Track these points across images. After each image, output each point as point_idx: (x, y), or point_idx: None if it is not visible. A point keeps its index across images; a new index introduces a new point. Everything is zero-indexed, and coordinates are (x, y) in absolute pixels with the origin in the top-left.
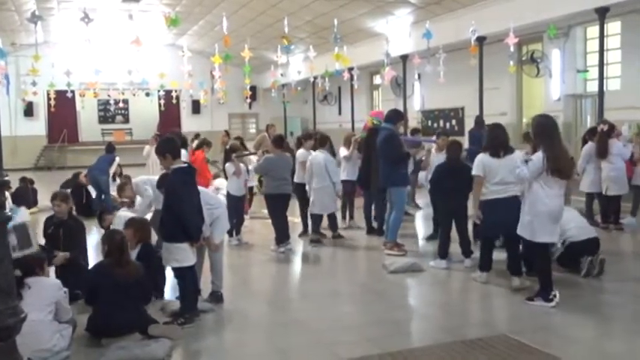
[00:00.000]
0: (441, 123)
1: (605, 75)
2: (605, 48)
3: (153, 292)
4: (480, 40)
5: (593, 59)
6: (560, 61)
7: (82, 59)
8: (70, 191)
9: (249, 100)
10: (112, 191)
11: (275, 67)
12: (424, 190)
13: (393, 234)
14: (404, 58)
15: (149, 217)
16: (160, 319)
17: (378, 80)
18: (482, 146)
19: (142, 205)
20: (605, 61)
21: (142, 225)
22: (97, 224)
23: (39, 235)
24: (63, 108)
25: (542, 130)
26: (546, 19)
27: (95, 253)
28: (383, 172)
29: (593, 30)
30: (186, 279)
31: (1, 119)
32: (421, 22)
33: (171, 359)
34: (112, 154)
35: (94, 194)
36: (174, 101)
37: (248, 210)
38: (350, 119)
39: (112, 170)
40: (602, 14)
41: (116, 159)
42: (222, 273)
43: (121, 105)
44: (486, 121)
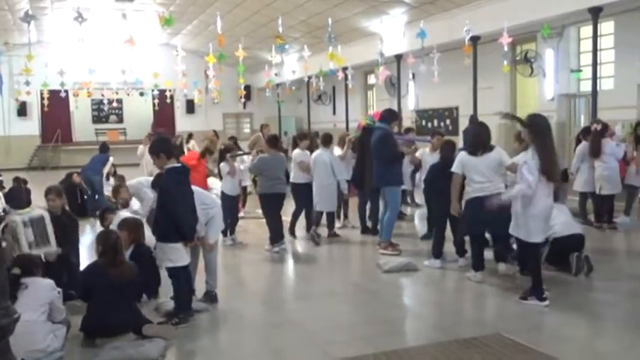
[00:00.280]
0: (435, 122)
1: (599, 75)
2: (599, 48)
3: (144, 291)
4: (474, 40)
5: (586, 59)
6: (554, 61)
7: (75, 59)
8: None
9: (243, 100)
10: (106, 191)
11: (269, 67)
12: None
13: (387, 233)
14: (398, 57)
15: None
16: (154, 319)
17: (372, 80)
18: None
19: (144, 209)
20: (599, 61)
21: (136, 226)
22: (91, 224)
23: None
24: (56, 108)
25: (538, 130)
26: (540, 18)
27: (88, 252)
28: (377, 172)
29: (586, 30)
30: (181, 279)
31: None
32: (415, 22)
33: (166, 359)
34: (105, 153)
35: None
36: (168, 101)
37: (241, 209)
38: (344, 119)
39: (105, 170)
40: (595, 14)
41: (110, 159)
42: (217, 273)
43: (115, 105)
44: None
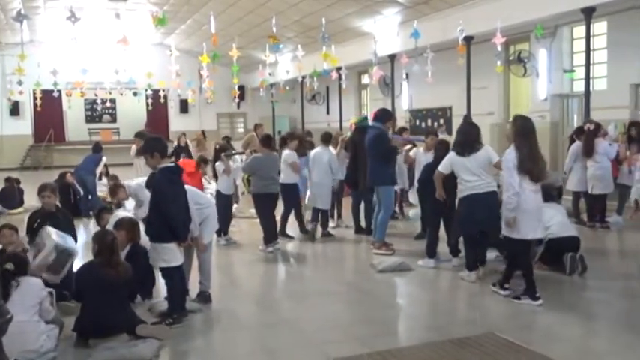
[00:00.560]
0: (429, 122)
1: (592, 75)
2: (592, 48)
3: (138, 291)
4: (468, 40)
5: (579, 59)
6: (547, 61)
7: (68, 58)
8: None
9: (237, 100)
10: (100, 192)
11: (263, 67)
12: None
13: (381, 233)
14: (392, 57)
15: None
16: (148, 319)
17: (366, 80)
18: None
19: (144, 211)
20: (592, 61)
21: (132, 226)
22: (84, 224)
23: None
24: (49, 107)
25: (518, 131)
26: (533, 19)
27: (81, 252)
28: (371, 171)
29: (579, 30)
30: (174, 279)
31: None
32: (409, 22)
33: (159, 359)
34: (99, 153)
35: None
36: (162, 101)
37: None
38: (338, 119)
39: (98, 170)
40: (588, 14)
41: (103, 159)
42: (211, 273)
43: (108, 104)
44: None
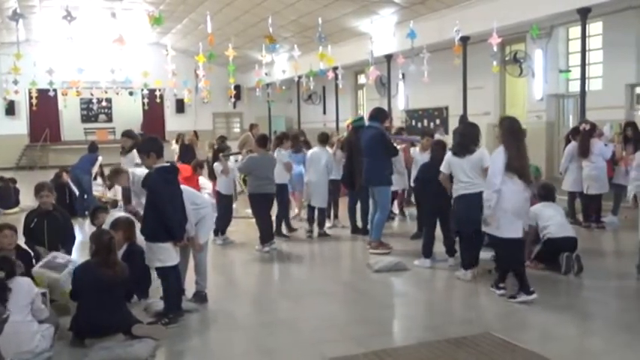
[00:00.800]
0: (425, 122)
1: (587, 75)
2: (587, 48)
3: (134, 291)
4: (464, 40)
5: (575, 59)
6: (543, 61)
7: (64, 58)
8: None
9: (233, 100)
10: (95, 191)
11: (259, 67)
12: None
13: (377, 233)
14: (388, 57)
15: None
16: (144, 319)
17: (362, 80)
18: None
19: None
20: (587, 61)
21: (129, 225)
22: (79, 223)
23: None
24: (45, 107)
25: (506, 131)
26: (529, 19)
27: (77, 252)
28: (368, 171)
29: (575, 30)
30: (170, 279)
31: None
32: (405, 22)
33: (155, 359)
34: (94, 153)
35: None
36: (158, 100)
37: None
38: (334, 119)
39: (94, 170)
40: (584, 15)
41: (99, 158)
42: (207, 273)
43: (104, 104)
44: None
